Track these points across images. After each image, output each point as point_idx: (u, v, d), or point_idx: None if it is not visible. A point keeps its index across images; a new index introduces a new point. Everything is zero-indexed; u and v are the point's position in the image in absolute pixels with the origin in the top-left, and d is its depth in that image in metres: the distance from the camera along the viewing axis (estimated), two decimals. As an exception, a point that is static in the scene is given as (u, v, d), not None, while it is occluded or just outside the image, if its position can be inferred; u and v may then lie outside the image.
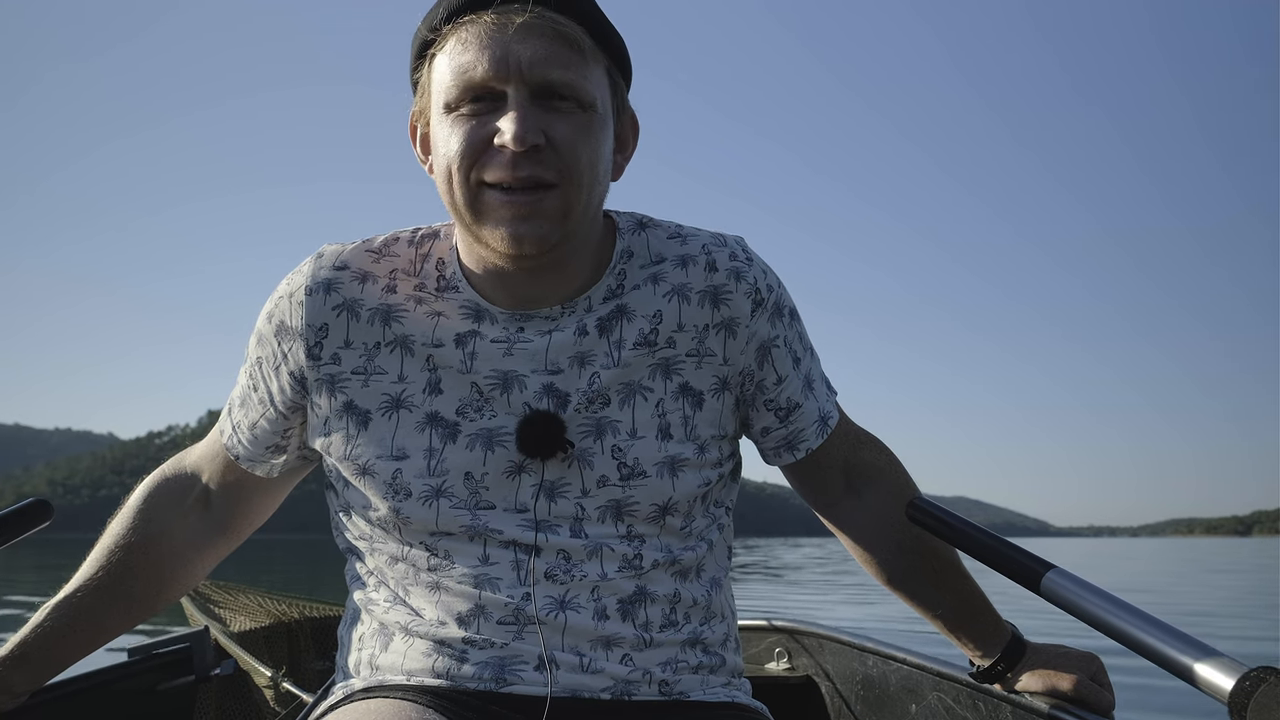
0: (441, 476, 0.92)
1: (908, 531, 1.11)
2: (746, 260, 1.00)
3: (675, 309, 0.96)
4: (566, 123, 0.86)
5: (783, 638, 1.76)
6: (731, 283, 0.98)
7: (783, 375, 1.02)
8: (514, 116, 0.84)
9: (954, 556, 1.13)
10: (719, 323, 0.97)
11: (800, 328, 1.05)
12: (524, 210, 0.85)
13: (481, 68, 0.85)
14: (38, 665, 1.04)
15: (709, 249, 0.99)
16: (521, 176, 0.84)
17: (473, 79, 0.85)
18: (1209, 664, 0.88)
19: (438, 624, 0.91)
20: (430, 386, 0.94)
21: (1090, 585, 1.02)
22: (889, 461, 1.15)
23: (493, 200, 0.86)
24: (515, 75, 0.84)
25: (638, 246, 0.99)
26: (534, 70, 0.84)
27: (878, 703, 1.48)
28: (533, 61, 0.84)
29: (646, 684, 0.92)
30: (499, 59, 0.84)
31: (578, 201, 0.87)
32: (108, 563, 1.04)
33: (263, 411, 1.01)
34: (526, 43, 0.84)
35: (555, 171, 0.85)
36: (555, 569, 0.91)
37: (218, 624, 1.89)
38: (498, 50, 0.84)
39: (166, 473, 1.10)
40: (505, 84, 0.85)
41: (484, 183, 0.86)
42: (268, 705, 1.72)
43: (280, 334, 0.97)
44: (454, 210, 0.90)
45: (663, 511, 0.94)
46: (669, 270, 0.97)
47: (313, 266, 0.97)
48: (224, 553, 1.12)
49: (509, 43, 0.84)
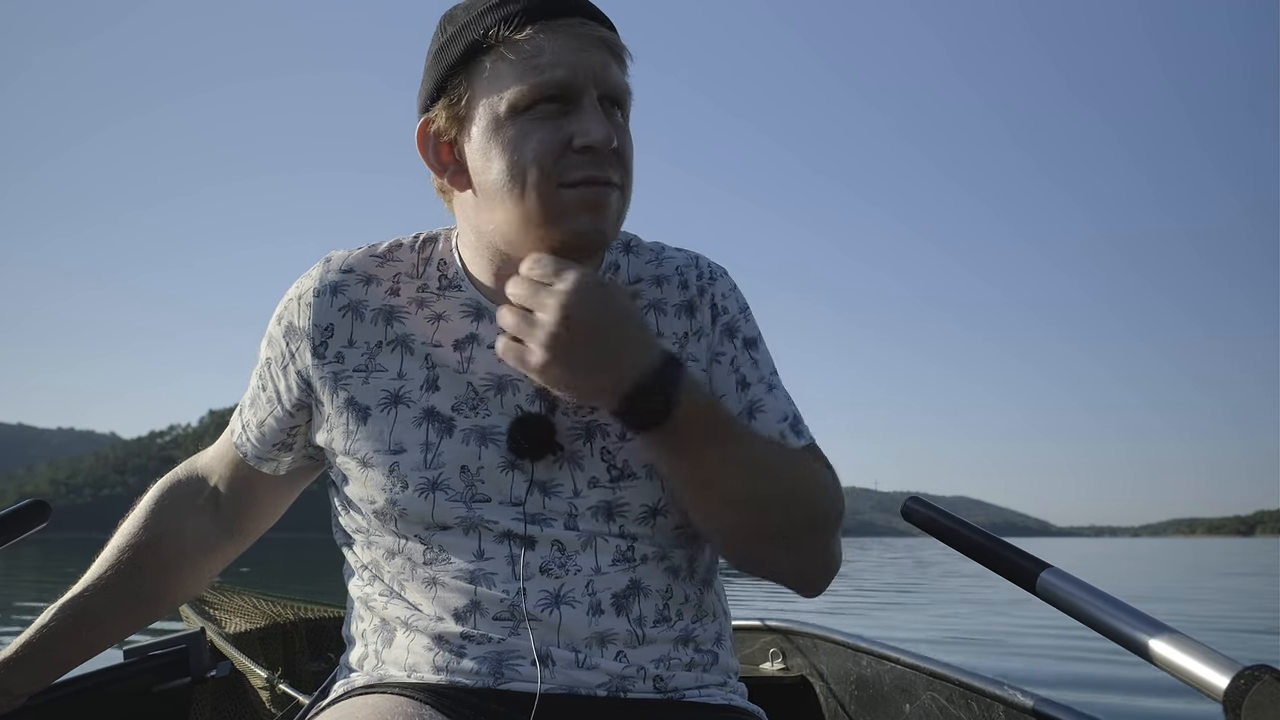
0: (438, 470, 0.93)
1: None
2: (710, 279, 1.05)
3: (652, 321, 1.01)
4: (623, 131, 0.92)
5: (777, 638, 1.76)
6: (698, 297, 1.03)
7: (720, 392, 1.02)
8: (598, 119, 0.88)
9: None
10: (695, 331, 1.02)
11: (757, 356, 1.05)
12: (603, 206, 0.90)
13: (563, 70, 0.88)
14: (42, 666, 1.04)
15: (681, 270, 1.04)
16: (604, 177, 0.89)
17: (554, 79, 0.88)
18: (1204, 662, 0.88)
19: (435, 619, 0.92)
20: (428, 383, 0.96)
21: (1085, 584, 1.02)
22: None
23: (573, 198, 0.89)
24: (592, 80, 0.89)
25: (622, 265, 1.03)
26: (606, 76, 0.90)
27: (872, 702, 1.48)
28: (604, 68, 0.90)
29: (641, 680, 0.92)
30: (578, 63, 0.89)
31: (627, 206, 0.94)
32: (117, 562, 1.06)
33: (270, 410, 1.04)
34: (594, 52, 0.90)
35: (619, 175, 0.91)
36: (550, 562, 0.92)
37: (213, 625, 1.89)
38: (574, 56, 0.89)
39: (179, 475, 1.13)
40: (582, 88, 0.89)
41: (564, 183, 0.89)
42: (264, 707, 1.72)
43: (289, 335, 1.00)
44: (518, 208, 0.90)
45: (653, 512, 0.96)
46: (645, 289, 1.02)
47: (321, 270, 1.01)
48: (232, 555, 1.14)
49: (581, 50, 0.89)
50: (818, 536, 0.96)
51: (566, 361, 0.85)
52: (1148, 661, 0.94)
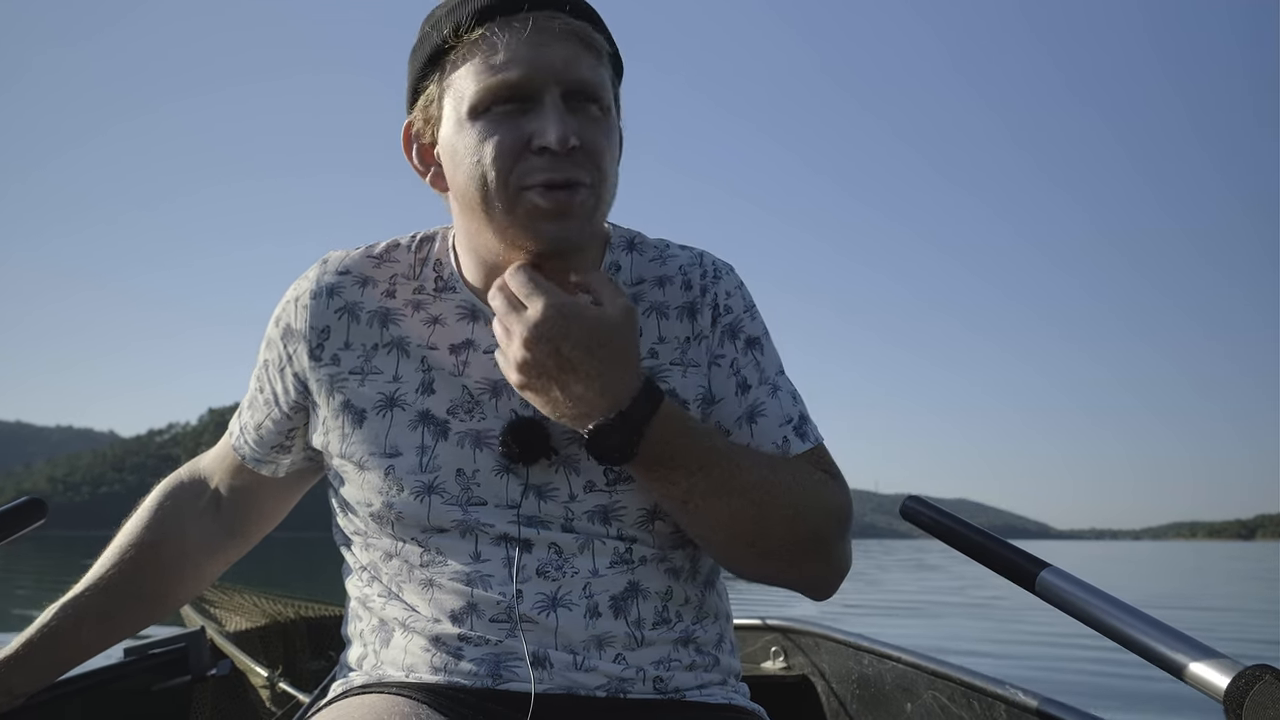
0: (434, 473, 0.93)
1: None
2: (714, 278, 1.02)
3: (654, 324, 0.98)
4: (594, 126, 0.88)
5: (778, 637, 1.76)
6: (699, 298, 1.00)
7: (718, 396, 1.00)
8: (555, 118, 0.85)
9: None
10: (696, 334, 0.99)
11: (760, 358, 1.02)
12: (563, 208, 0.86)
13: (517, 69, 0.85)
14: (41, 666, 1.04)
15: (685, 269, 1.01)
16: (561, 179, 0.86)
17: (508, 80, 0.86)
18: (1204, 662, 0.88)
19: (433, 621, 0.92)
20: (423, 386, 0.96)
21: (1084, 583, 1.02)
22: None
23: (532, 201, 0.86)
24: (551, 77, 0.86)
25: (624, 264, 1.01)
26: (569, 71, 0.86)
27: (873, 701, 1.48)
28: (566, 63, 0.86)
29: (641, 681, 0.92)
30: (534, 60, 0.85)
31: (603, 202, 0.90)
32: (119, 564, 1.06)
33: (268, 412, 1.04)
34: (556, 45, 0.86)
35: (587, 173, 0.87)
36: (547, 565, 0.91)
37: (213, 624, 1.89)
38: (531, 52, 0.85)
39: (181, 476, 1.13)
40: (541, 85, 0.86)
41: (524, 186, 0.86)
42: (264, 705, 1.72)
43: (286, 337, 1.00)
44: (485, 214, 0.89)
45: (651, 516, 0.95)
46: (647, 290, 1.00)
47: (318, 272, 1.00)
48: (234, 556, 1.14)
49: (541, 45, 0.86)
50: (818, 547, 0.94)
51: (532, 386, 0.85)
52: (1148, 661, 0.94)
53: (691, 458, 0.88)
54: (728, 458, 0.91)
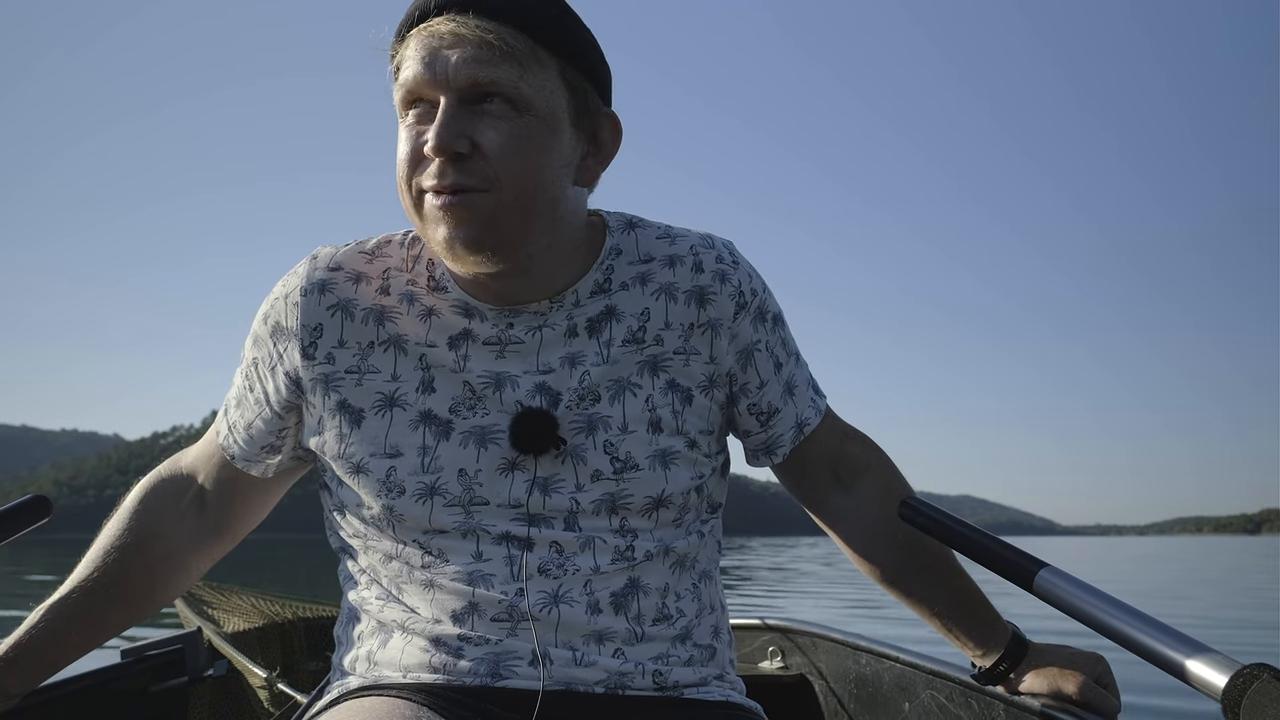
0: (435, 474, 0.93)
1: (900, 527, 1.11)
2: (733, 263, 1.01)
3: (662, 307, 0.97)
4: (497, 128, 0.86)
5: (776, 636, 1.76)
6: (716, 285, 0.99)
7: (764, 379, 1.03)
8: (436, 124, 0.85)
9: (949, 553, 1.12)
10: (704, 322, 0.99)
11: (784, 333, 1.06)
12: (454, 215, 0.86)
13: (416, 77, 0.87)
14: (32, 667, 1.04)
15: (696, 250, 1.00)
16: (446, 185, 0.86)
17: (408, 88, 0.88)
18: (1202, 661, 0.88)
19: (433, 621, 0.92)
20: (424, 385, 0.95)
21: (1083, 583, 1.01)
22: (877, 457, 1.15)
23: (429, 206, 0.88)
24: (443, 82, 0.86)
25: (627, 245, 1.00)
26: (459, 73, 0.85)
27: (871, 701, 1.48)
28: (458, 65, 0.85)
29: (640, 676, 0.92)
30: (429, 66, 0.86)
31: (515, 206, 0.87)
32: (103, 563, 1.04)
33: (258, 412, 1.02)
34: (455, 48, 0.86)
35: (481, 178, 0.86)
36: (548, 563, 0.92)
37: (211, 625, 1.88)
38: (428, 57, 0.86)
39: (162, 474, 1.11)
40: (436, 91, 0.86)
41: (423, 190, 0.88)
42: (262, 706, 1.71)
43: (276, 335, 0.99)
44: (413, 218, 0.92)
45: (656, 504, 0.95)
46: (657, 269, 0.99)
47: (307, 268, 0.99)
48: (219, 554, 1.13)
49: (439, 49, 0.86)
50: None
51: None
52: (1145, 660, 0.94)
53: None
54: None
